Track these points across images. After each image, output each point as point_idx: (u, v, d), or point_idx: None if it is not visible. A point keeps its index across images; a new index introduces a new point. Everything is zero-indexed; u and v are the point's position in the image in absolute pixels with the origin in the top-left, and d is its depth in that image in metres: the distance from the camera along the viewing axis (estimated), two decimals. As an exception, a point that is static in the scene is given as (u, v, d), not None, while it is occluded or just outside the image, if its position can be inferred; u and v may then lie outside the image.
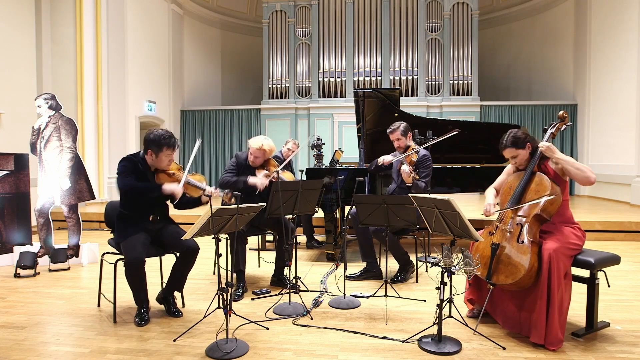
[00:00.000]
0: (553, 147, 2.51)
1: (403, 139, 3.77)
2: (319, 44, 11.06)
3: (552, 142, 2.65)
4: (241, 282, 3.36)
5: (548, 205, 2.41)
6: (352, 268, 4.02)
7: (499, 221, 2.59)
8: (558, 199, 2.43)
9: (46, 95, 4.44)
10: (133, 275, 2.68)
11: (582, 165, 2.45)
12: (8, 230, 4.39)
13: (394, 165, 3.90)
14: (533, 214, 2.43)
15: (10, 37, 6.67)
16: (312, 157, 7.50)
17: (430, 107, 10.63)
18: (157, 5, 10.26)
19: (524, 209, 2.48)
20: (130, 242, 2.72)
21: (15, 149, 4.98)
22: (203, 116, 11.55)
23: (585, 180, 2.41)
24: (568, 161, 2.46)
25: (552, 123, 2.73)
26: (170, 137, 2.81)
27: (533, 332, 2.34)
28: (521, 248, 2.38)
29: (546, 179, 2.47)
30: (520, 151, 2.61)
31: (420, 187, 3.60)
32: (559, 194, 2.43)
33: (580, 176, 2.41)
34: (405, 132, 3.78)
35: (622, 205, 7.87)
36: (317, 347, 2.39)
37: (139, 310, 2.77)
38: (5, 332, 2.64)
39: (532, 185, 2.51)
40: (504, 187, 2.70)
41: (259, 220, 3.49)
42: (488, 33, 12.09)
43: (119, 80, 8.62)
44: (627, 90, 8.24)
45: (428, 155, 3.75)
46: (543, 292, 2.30)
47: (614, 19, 8.76)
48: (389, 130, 3.81)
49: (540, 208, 2.41)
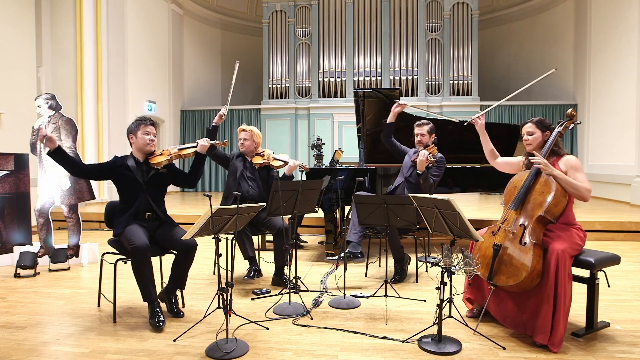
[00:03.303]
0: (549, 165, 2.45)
1: (427, 136, 3.79)
2: (319, 44, 11.06)
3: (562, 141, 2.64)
4: (254, 265, 3.50)
5: (552, 207, 2.39)
6: (352, 268, 4.02)
7: (502, 221, 2.57)
8: (563, 201, 2.41)
9: (46, 95, 4.44)
10: (140, 263, 2.65)
11: (579, 185, 2.41)
12: (8, 230, 4.39)
13: (406, 161, 3.90)
14: (537, 215, 2.41)
15: (10, 37, 6.67)
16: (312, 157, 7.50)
17: (430, 107, 10.63)
18: (157, 5, 10.26)
19: (527, 209, 2.47)
20: (130, 230, 2.73)
21: (15, 149, 4.98)
22: (203, 116, 11.55)
23: (581, 199, 2.44)
24: (563, 179, 2.41)
25: (560, 121, 2.66)
26: (141, 118, 2.95)
27: (538, 332, 2.33)
28: (524, 250, 2.36)
29: (551, 179, 2.45)
30: (538, 132, 2.62)
31: (429, 182, 3.60)
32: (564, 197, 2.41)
33: (575, 195, 2.43)
34: (431, 132, 3.81)
35: (622, 205, 7.87)
36: (317, 347, 2.39)
37: (153, 309, 2.70)
38: (5, 332, 2.63)
39: (537, 186, 2.49)
40: (509, 186, 2.68)
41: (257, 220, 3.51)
42: (488, 33, 12.09)
43: (119, 80, 8.62)
44: (627, 90, 8.24)
45: (444, 160, 3.75)
46: (550, 293, 2.29)
47: (614, 19, 8.76)
48: (418, 123, 3.80)
49: (544, 210, 2.40)
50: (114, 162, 2.92)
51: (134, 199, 2.88)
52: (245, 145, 3.75)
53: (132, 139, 2.92)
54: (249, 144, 3.75)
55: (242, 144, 3.76)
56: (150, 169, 2.93)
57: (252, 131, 3.75)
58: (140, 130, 2.88)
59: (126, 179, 2.87)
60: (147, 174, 2.92)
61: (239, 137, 3.80)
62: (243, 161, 3.77)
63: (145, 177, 2.91)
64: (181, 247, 2.79)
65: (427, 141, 3.79)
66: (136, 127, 2.89)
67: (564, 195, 2.42)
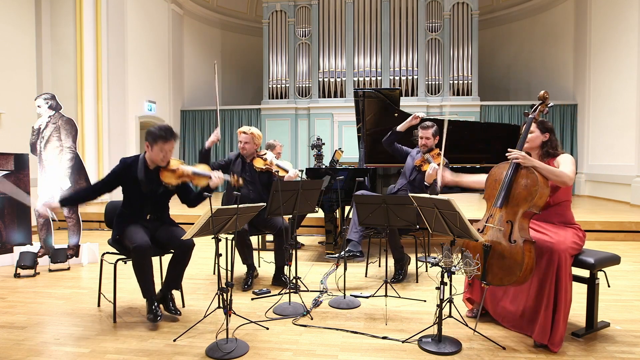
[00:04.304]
0: (527, 157, 2.41)
1: (432, 139, 3.75)
2: (319, 44, 11.06)
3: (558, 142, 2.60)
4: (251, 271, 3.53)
5: (538, 199, 2.35)
6: (352, 268, 4.02)
7: (487, 219, 2.51)
8: (546, 191, 2.37)
9: (46, 95, 4.44)
10: (141, 262, 2.66)
11: (558, 171, 2.39)
12: (8, 230, 4.39)
13: (408, 162, 3.88)
14: (523, 210, 2.37)
15: (10, 37, 6.67)
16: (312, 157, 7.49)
17: (430, 107, 10.63)
18: (157, 5, 10.26)
19: (512, 205, 2.43)
20: (130, 230, 2.74)
21: (15, 149, 4.97)
22: (203, 116, 11.55)
23: (562, 184, 2.41)
24: (544, 168, 2.39)
25: (533, 105, 2.61)
26: (165, 131, 2.76)
27: (538, 332, 2.32)
28: (514, 248, 2.32)
29: (532, 171, 2.39)
30: (538, 131, 2.57)
31: (436, 191, 3.55)
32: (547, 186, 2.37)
33: (557, 182, 2.39)
34: (435, 135, 3.76)
35: (622, 205, 7.87)
36: (317, 347, 2.39)
37: (150, 305, 2.72)
38: (5, 332, 2.63)
39: (520, 179, 2.43)
40: (489, 179, 2.63)
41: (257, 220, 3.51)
42: (488, 33, 12.09)
43: (119, 80, 8.62)
44: (627, 90, 8.24)
45: (448, 163, 3.71)
46: (551, 293, 2.28)
47: (614, 19, 8.76)
48: (423, 126, 3.75)
49: (530, 204, 2.36)
50: (122, 170, 2.85)
51: (139, 207, 2.88)
52: (246, 148, 3.69)
53: (147, 148, 2.81)
54: (249, 147, 3.69)
55: (244, 147, 3.69)
56: (160, 183, 2.84)
57: (253, 134, 3.69)
58: (158, 145, 2.75)
59: (133, 189, 2.85)
60: (156, 187, 2.86)
61: (239, 139, 3.74)
62: (242, 163, 3.74)
63: (153, 191, 2.87)
64: (178, 245, 2.79)
65: (431, 144, 3.75)
66: (154, 140, 2.75)
67: (547, 185, 2.37)
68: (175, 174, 2.82)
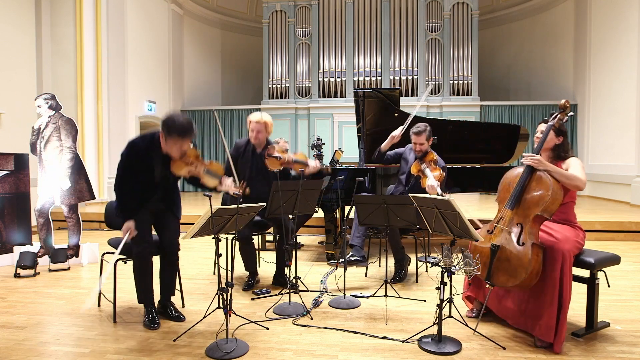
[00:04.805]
0: (542, 160, 2.43)
1: (426, 144, 3.62)
2: (319, 44, 11.06)
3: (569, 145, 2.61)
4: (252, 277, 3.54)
5: (550, 204, 2.37)
6: (352, 268, 4.02)
7: (497, 221, 2.54)
8: (560, 196, 2.38)
9: (46, 95, 4.44)
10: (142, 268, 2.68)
11: (571, 174, 2.41)
12: (8, 230, 4.39)
13: (402, 167, 3.84)
14: (534, 214, 2.39)
15: (10, 37, 6.67)
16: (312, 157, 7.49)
17: (430, 107, 10.63)
18: (157, 5, 10.26)
19: (524, 208, 2.45)
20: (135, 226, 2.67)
21: (15, 149, 4.97)
22: (203, 116, 11.56)
23: (576, 188, 2.43)
24: (557, 172, 2.41)
25: (552, 113, 2.61)
26: (183, 126, 2.57)
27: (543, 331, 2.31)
28: (522, 251, 2.33)
29: (546, 176, 2.41)
30: (552, 135, 2.56)
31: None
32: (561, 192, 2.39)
33: (571, 185, 2.42)
34: (429, 137, 3.62)
35: (622, 205, 7.87)
36: (317, 347, 2.39)
37: (148, 310, 2.72)
38: (5, 332, 2.63)
39: (533, 183, 2.46)
40: (503, 182, 2.65)
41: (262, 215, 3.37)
42: (488, 33, 12.09)
43: (119, 80, 8.62)
44: (627, 90, 8.24)
45: (445, 165, 3.63)
46: (555, 293, 2.28)
47: (614, 19, 8.76)
48: (416, 131, 3.59)
49: (541, 208, 2.37)
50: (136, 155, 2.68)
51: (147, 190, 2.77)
52: (259, 138, 3.44)
53: (162, 137, 2.64)
54: (262, 136, 3.44)
55: (256, 137, 3.42)
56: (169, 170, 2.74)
57: (266, 122, 3.40)
58: (172, 139, 2.60)
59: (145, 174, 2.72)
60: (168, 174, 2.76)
61: (250, 127, 3.44)
62: (252, 152, 3.50)
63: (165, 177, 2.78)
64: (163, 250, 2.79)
65: (426, 148, 3.64)
66: (169, 134, 2.58)
67: (560, 189, 2.38)
68: (186, 167, 2.72)
